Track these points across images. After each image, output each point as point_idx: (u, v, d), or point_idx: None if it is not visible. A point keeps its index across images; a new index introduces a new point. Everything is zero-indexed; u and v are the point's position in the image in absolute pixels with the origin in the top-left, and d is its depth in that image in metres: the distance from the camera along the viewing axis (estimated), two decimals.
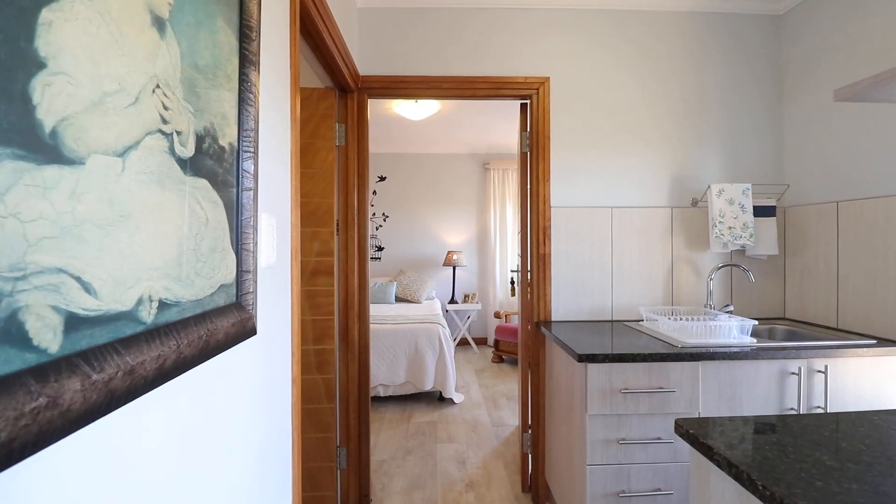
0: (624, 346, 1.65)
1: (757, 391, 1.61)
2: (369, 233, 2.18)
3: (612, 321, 2.15)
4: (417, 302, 4.94)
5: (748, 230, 2.04)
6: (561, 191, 2.17)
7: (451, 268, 5.48)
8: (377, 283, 5.02)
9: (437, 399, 3.59)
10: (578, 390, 1.63)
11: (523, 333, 2.36)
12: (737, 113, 2.20)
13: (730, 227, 2.04)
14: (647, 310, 2.02)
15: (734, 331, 1.71)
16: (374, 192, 5.51)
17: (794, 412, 1.62)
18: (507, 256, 5.46)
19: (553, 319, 2.18)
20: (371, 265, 5.48)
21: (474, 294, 5.32)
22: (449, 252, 5.27)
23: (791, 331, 2.00)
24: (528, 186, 2.26)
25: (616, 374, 1.57)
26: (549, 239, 2.16)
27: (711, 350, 1.57)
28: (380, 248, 5.52)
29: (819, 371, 1.61)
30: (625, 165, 2.18)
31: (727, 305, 2.03)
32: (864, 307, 1.80)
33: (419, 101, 3.60)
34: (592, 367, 1.56)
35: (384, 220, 5.53)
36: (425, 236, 5.53)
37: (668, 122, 2.20)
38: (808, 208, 2.06)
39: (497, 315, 4.83)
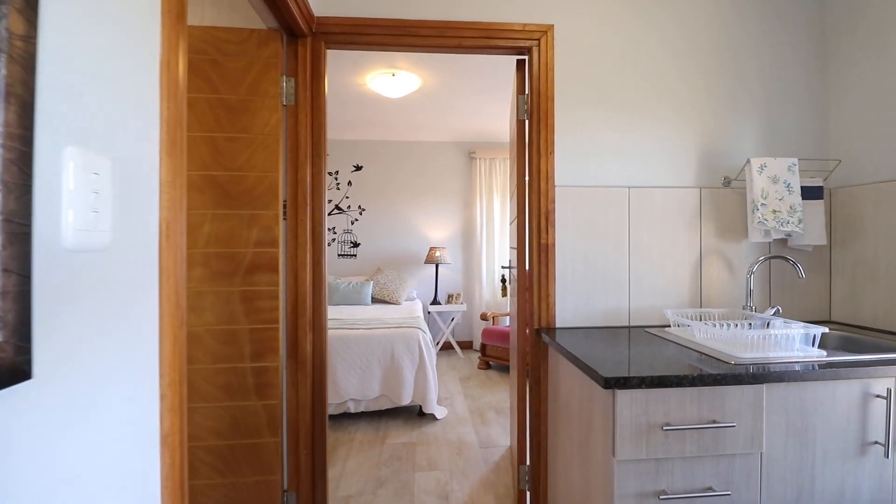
0: (657, 363, 1.23)
1: (834, 420, 1.21)
2: (326, 218, 1.72)
3: (629, 327, 1.74)
4: (396, 303, 4.49)
5: (796, 214, 1.66)
6: (567, 167, 1.75)
7: (434, 265, 5.04)
8: (351, 282, 4.54)
9: (417, 415, 3.15)
10: (602, 425, 1.21)
11: (520, 342, 1.93)
12: (774, 75, 1.82)
13: (774, 211, 1.65)
14: (675, 313, 1.62)
15: (797, 340, 1.31)
16: (350, 183, 5.03)
17: (880, 447, 1.23)
18: (495, 253, 5.05)
19: (558, 325, 1.76)
20: (345, 263, 5.00)
21: (459, 294, 4.89)
22: (431, 248, 4.83)
23: (847, 338, 1.63)
24: (527, 162, 1.83)
25: (655, 403, 1.16)
26: (553, 226, 1.74)
27: (779, 368, 1.17)
28: (355, 245, 5.05)
29: None
30: (644, 136, 1.78)
31: (773, 307, 1.65)
32: None
33: (396, 72, 3.15)
34: (623, 396, 1.15)
35: (360, 214, 5.05)
36: (405, 231, 5.08)
37: (697, 82, 1.80)
38: (863, 189, 1.69)
39: (484, 317, 4.42)
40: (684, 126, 1.79)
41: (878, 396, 1.22)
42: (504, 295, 2.67)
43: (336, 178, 5.02)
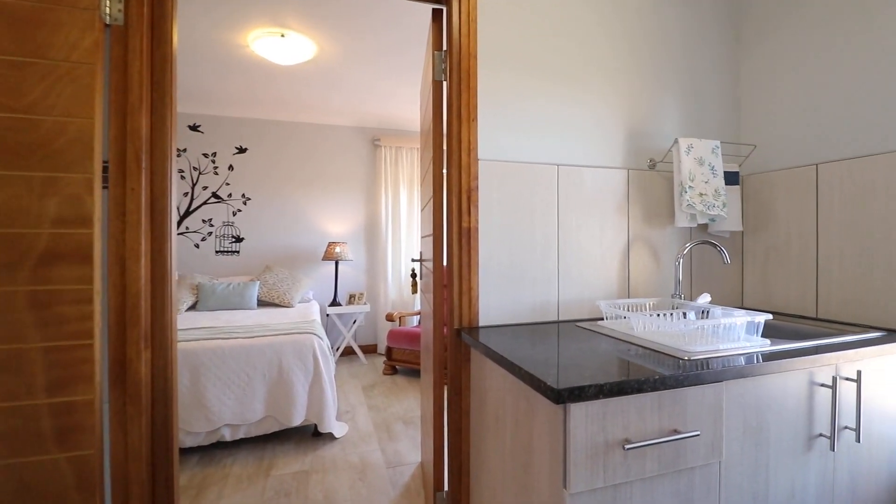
0: (607, 365, 1.02)
1: (785, 415, 1.11)
2: (173, 189, 1.25)
3: (558, 322, 1.54)
4: (288, 306, 3.92)
5: (720, 198, 1.60)
6: (492, 138, 1.49)
7: (334, 263, 4.56)
8: (232, 283, 3.87)
9: (312, 436, 2.69)
10: (548, 448, 0.95)
11: (436, 345, 1.63)
12: (697, 56, 1.77)
13: (701, 194, 1.57)
14: (609, 304, 1.45)
15: (743, 330, 1.20)
16: (231, 168, 4.32)
17: (825, 439, 1.16)
18: (402, 249, 4.71)
19: (482, 324, 1.49)
20: (226, 261, 4.28)
21: (362, 294, 4.47)
22: (330, 244, 4.34)
23: (768, 325, 1.60)
24: (446, 130, 1.54)
25: (613, 416, 0.93)
26: (476, 207, 1.47)
27: (737, 362, 1.02)
28: (238, 239, 4.34)
29: (849, 379, 1.17)
30: (576, 109, 1.59)
31: (703, 294, 1.56)
32: (854, 292, 1.45)
33: (286, 33, 2.66)
34: (578, 411, 0.90)
35: (245, 203, 4.36)
36: (300, 225, 4.51)
37: (626, 59, 1.67)
38: (775, 175, 1.70)
39: (390, 318, 4.06)
40: (615, 102, 1.65)
41: (822, 385, 1.14)
42: (414, 291, 2.38)
43: (214, 161, 4.27)
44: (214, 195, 4.28)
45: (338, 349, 4.40)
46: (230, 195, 4.31)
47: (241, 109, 4.13)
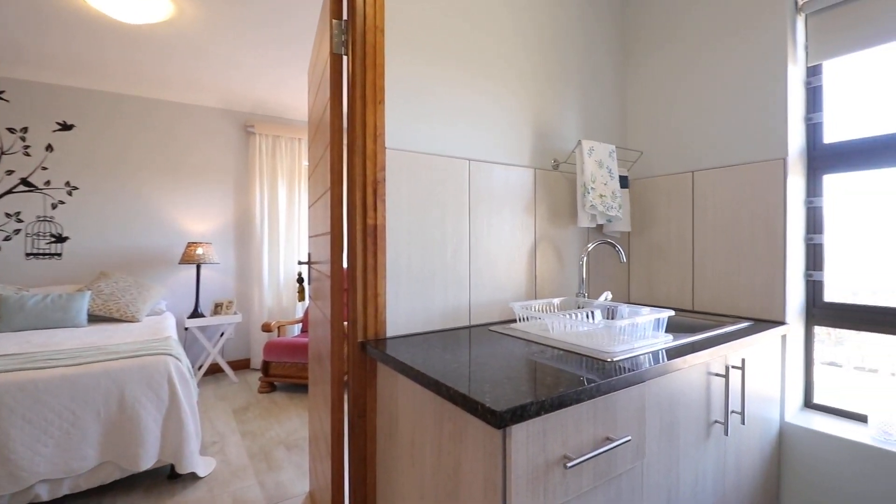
0: (539, 373, 0.94)
1: (692, 407, 1.16)
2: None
3: (469, 327, 1.44)
4: (132, 320, 3.22)
5: (617, 200, 1.67)
6: (401, 125, 1.33)
7: (195, 266, 3.90)
8: (51, 294, 3.03)
9: (168, 479, 2.20)
10: (482, 476, 0.83)
11: (334, 362, 1.41)
12: (593, 67, 1.84)
13: (601, 196, 1.62)
14: (522, 306, 1.40)
15: (650, 328, 1.23)
16: (51, 148, 3.40)
17: (720, 425, 1.24)
18: (281, 249, 4.23)
19: (390, 334, 1.32)
20: (41, 266, 3.36)
21: (231, 302, 3.90)
22: (190, 244, 3.69)
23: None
24: (346, 112, 1.33)
25: (553, 432, 0.84)
26: (384, 202, 1.29)
27: (655, 361, 1.03)
28: (59, 239, 3.44)
29: (735, 367, 1.27)
30: (489, 103, 1.51)
31: (605, 293, 1.61)
32: (724, 287, 1.63)
33: None
34: (520, 433, 0.79)
35: (69, 194, 3.48)
36: (150, 221, 3.77)
37: (535, 55, 1.64)
38: (657, 180, 1.84)
39: (267, 328, 3.60)
40: (526, 102, 1.61)
41: (717, 375, 1.22)
42: (301, 299, 2.08)
43: (24, 139, 3.32)
44: (24, 182, 3.33)
45: (201, 368, 3.77)
46: (48, 183, 3.40)
47: (64, 75, 3.28)
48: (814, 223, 1.52)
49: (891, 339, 1.40)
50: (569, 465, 0.82)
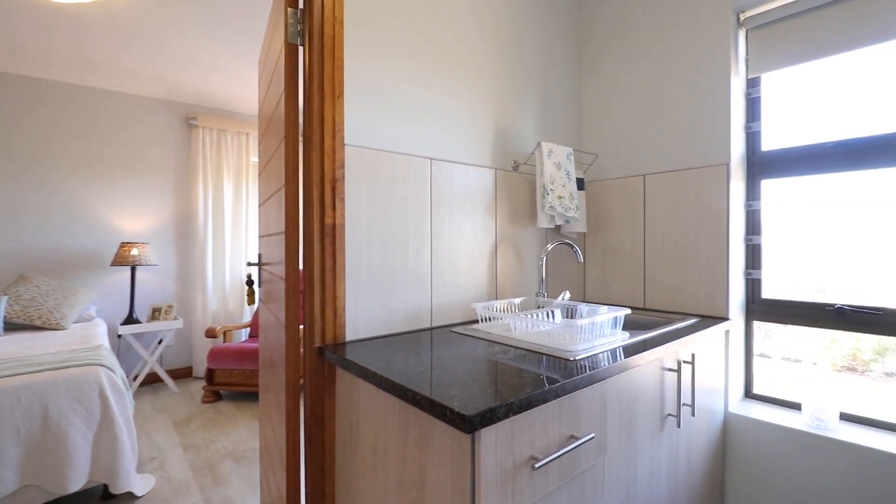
0: (504, 374, 0.93)
1: (648, 402, 1.19)
2: None
3: (431, 329, 1.42)
4: (56, 328, 2.92)
5: (574, 201, 1.70)
6: (361, 121, 1.29)
7: (129, 269, 3.61)
8: None
9: (100, 500, 2.01)
10: (451, 483, 0.80)
11: (290, 369, 1.34)
12: (550, 69, 1.87)
13: (559, 197, 1.65)
14: (484, 306, 1.40)
15: (609, 326, 1.26)
16: None
17: (673, 418, 1.29)
18: (226, 250, 4.01)
19: (350, 338, 1.27)
20: None
21: (170, 306, 3.64)
22: (124, 244, 3.41)
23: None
24: (303, 106, 1.27)
25: (521, 433, 0.84)
26: (343, 201, 1.24)
27: (615, 359, 1.05)
28: None
29: (686, 362, 1.33)
30: (452, 102, 1.50)
31: (563, 292, 1.63)
32: (673, 285, 1.71)
33: None
34: (489, 436, 0.78)
35: None
36: (75, 219, 3.44)
37: (496, 56, 1.64)
38: (611, 183, 1.90)
39: (211, 334, 3.39)
40: (488, 102, 1.61)
41: (670, 370, 1.27)
42: (251, 302, 1.97)
43: None
44: None
45: (136, 379, 3.49)
46: None
47: None
48: (753, 225, 1.62)
49: (814, 332, 1.52)
50: (536, 465, 0.82)
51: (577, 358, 1.04)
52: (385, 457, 1.00)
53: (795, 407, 1.54)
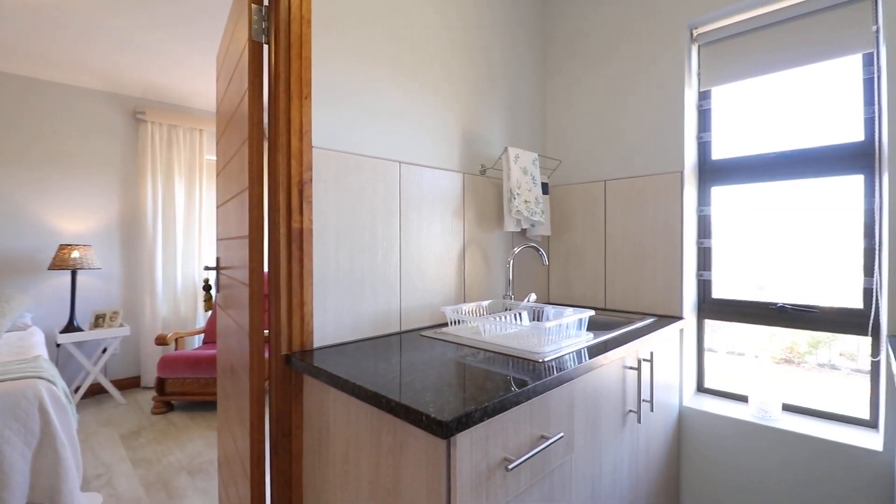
0: (475, 377, 0.95)
1: (611, 400, 1.24)
2: None
3: (400, 333, 1.42)
4: None
5: (540, 206, 1.75)
6: (329, 123, 1.26)
7: (69, 273, 3.36)
8: None
9: None
10: (426, 489, 0.81)
11: (254, 377, 1.29)
12: (517, 75, 1.90)
13: (526, 201, 1.69)
14: (453, 310, 1.41)
15: (574, 327, 1.30)
16: None
17: (634, 414, 1.35)
18: (178, 253, 3.80)
19: (318, 345, 1.24)
20: None
21: (116, 313, 3.41)
22: (63, 247, 3.17)
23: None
24: (267, 105, 1.23)
25: (495, 436, 0.85)
26: (310, 204, 1.22)
27: (581, 360, 1.09)
28: None
29: (645, 360, 1.40)
30: (421, 106, 1.50)
31: (529, 294, 1.67)
32: (631, 286, 1.78)
33: None
34: (465, 440, 0.79)
35: None
36: (8, 220, 3.17)
37: (463, 60, 1.66)
38: (574, 188, 1.97)
39: (162, 341, 3.21)
40: (456, 107, 1.62)
41: (631, 368, 1.33)
42: (209, 308, 1.88)
43: None
44: None
45: (77, 391, 3.25)
46: None
47: None
48: (704, 229, 1.72)
49: (756, 327, 1.64)
50: (510, 466, 0.84)
51: (545, 360, 1.07)
52: (357, 465, 0.98)
53: (743, 399, 1.64)
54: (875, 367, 1.38)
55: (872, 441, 1.32)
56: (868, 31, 1.34)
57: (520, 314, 1.50)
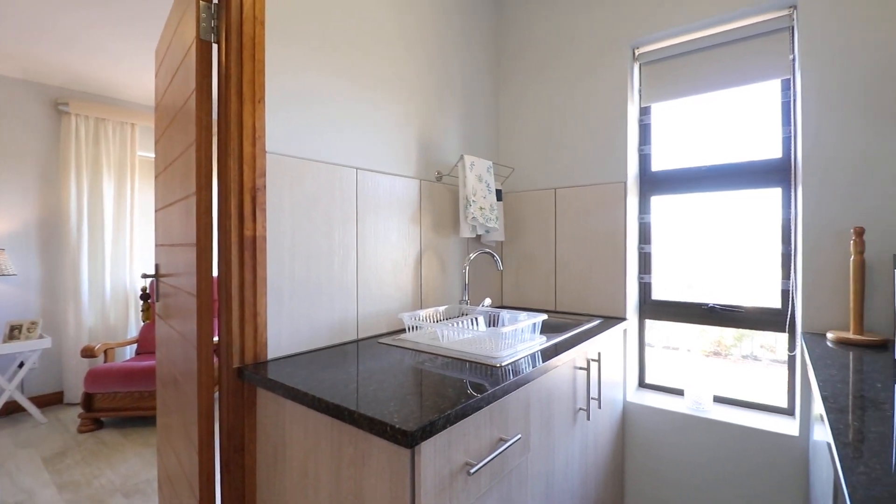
0: (437, 387, 0.96)
1: (563, 400, 1.30)
2: None
3: (357, 341, 1.40)
4: None
5: (494, 212, 1.79)
6: (283, 127, 1.23)
7: None
8: None
9: None
10: (390, 498, 0.81)
11: (202, 393, 1.23)
12: (471, 83, 1.94)
13: (481, 208, 1.73)
14: (411, 316, 1.42)
15: (529, 331, 1.35)
16: None
17: (584, 412, 1.42)
18: (107, 258, 3.51)
19: (272, 356, 1.20)
20: None
21: (34, 323, 3.10)
22: None
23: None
24: (217, 108, 1.17)
25: (457, 441, 0.87)
26: (264, 211, 1.18)
27: (536, 363, 1.14)
28: None
29: (594, 360, 1.48)
30: (378, 112, 1.49)
31: (485, 299, 1.71)
32: (579, 289, 1.87)
33: None
34: (428, 448, 0.80)
35: None
36: None
37: (425, 71, 1.67)
38: (526, 195, 2.03)
39: (89, 353, 2.95)
40: (413, 113, 1.63)
41: (580, 368, 1.40)
42: (147, 318, 1.75)
43: None
44: None
45: None
46: None
47: None
48: (644, 235, 1.85)
49: (687, 326, 1.78)
50: (472, 471, 0.86)
51: (502, 364, 1.11)
52: (316, 478, 0.97)
53: (679, 393, 1.78)
54: (791, 360, 1.54)
55: (790, 427, 1.48)
56: (786, 59, 1.50)
57: (476, 319, 1.53)
